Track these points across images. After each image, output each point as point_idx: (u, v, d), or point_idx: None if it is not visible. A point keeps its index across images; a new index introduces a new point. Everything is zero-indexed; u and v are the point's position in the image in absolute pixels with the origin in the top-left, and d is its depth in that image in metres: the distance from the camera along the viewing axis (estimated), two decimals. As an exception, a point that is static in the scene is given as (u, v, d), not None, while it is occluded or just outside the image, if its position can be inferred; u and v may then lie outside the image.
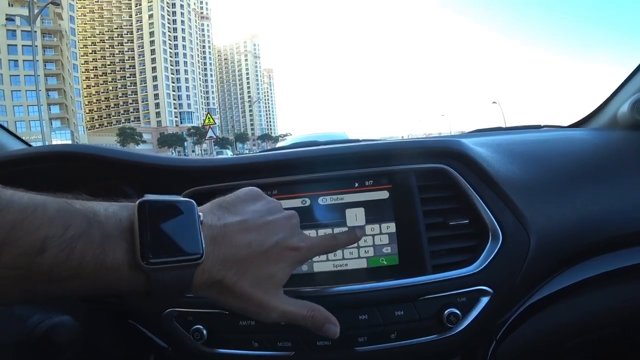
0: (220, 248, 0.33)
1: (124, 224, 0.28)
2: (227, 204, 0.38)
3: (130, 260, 0.28)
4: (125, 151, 0.56)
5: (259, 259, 0.35)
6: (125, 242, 0.28)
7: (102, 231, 0.27)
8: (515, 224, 0.53)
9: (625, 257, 0.57)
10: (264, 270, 0.36)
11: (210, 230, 0.33)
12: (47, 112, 57.89)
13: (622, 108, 0.71)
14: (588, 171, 0.61)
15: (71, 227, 0.25)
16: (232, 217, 0.36)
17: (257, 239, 0.36)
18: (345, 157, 0.55)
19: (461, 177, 0.54)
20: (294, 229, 0.40)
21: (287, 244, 0.38)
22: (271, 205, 0.40)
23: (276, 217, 0.39)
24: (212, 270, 0.32)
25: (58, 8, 61.84)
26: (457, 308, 0.50)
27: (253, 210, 0.38)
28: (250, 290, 0.34)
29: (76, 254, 0.25)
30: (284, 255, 0.37)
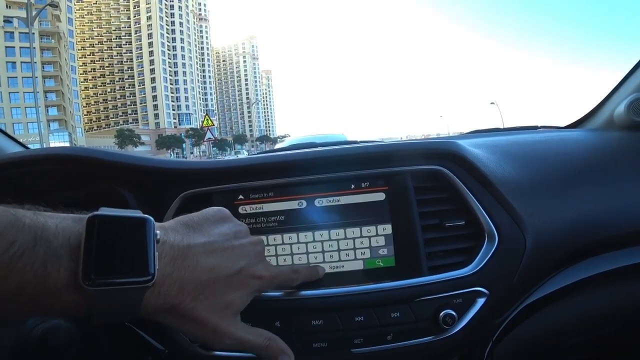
0: (180, 270, 0.31)
1: (72, 240, 0.26)
2: (193, 222, 0.36)
3: (74, 280, 0.26)
4: (123, 154, 0.56)
5: (220, 284, 0.34)
6: (71, 262, 0.26)
7: (48, 249, 0.25)
8: (511, 225, 0.53)
9: (622, 257, 0.58)
10: (225, 297, 0.34)
11: (171, 249, 0.31)
12: (45, 114, 57.73)
13: (618, 109, 0.71)
14: (584, 172, 0.61)
15: (15, 244, 0.24)
16: (197, 238, 0.34)
17: (222, 263, 0.35)
18: (341, 159, 0.55)
19: (457, 179, 0.54)
20: (258, 257, 0.39)
21: (250, 272, 0.37)
22: (238, 229, 0.39)
23: (242, 242, 0.38)
24: (168, 293, 0.30)
25: (56, 10, 61.78)
26: (453, 309, 0.50)
27: (219, 233, 0.36)
28: (208, 316, 0.33)
29: (16, 274, 0.23)
30: (246, 283, 0.36)
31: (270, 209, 0.54)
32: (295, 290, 0.50)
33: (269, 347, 0.37)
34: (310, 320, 0.50)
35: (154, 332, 0.55)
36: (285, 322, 0.50)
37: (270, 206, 0.54)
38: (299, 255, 0.53)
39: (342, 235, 0.53)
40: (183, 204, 0.54)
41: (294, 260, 0.53)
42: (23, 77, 56.65)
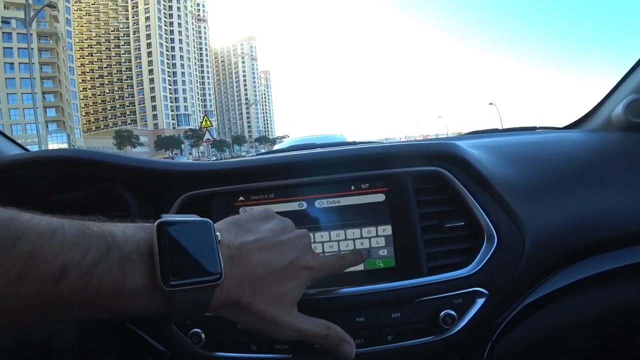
0: (237, 267, 0.33)
1: (142, 246, 0.28)
2: (242, 222, 0.38)
3: (151, 283, 0.28)
4: (123, 155, 0.56)
5: (274, 277, 0.36)
6: (145, 265, 0.28)
7: (121, 255, 0.27)
8: (510, 226, 0.53)
9: (620, 257, 0.58)
10: (279, 288, 0.36)
11: (228, 249, 0.33)
12: (43, 115, 57.60)
13: (616, 109, 0.72)
14: (582, 172, 0.61)
15: (90, 252, 0.25)
16: (248, 236, 0.36)
17: (273, 257, 0.36)
18: (341, 160, 0.56)
19: (456, 180, 0.55)
20: (306, 248, 0.40)
21: (301, 263, 0.38)
22: (284, 224, 0.40)
23: (290, 235, 0.39)
24: (229, 289, 0.32)
25: (54, 11, 61.66)
26: (453, 309, 0.50)
27: (267, 229, 0.38)
28: (265, 308, 0.35)
29: (95, 280, 0.25)
30: (298, 274, 0.38)
31: None
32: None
33: (329, 336, 0.39)
34: None
35: (155, 333, 0.56)
36: None
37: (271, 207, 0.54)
38: None
39: (342, 236, 0.53)
40: (184, 206, 0.55)
41: None
42: (21, 78, 56.52)
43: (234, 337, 0.51)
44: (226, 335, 0.51)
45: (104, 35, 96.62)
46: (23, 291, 0.22)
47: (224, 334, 0.51)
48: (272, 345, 0.50)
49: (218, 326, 0.51)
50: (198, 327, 0.51)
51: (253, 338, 0.51)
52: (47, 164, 0.55)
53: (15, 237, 0.22)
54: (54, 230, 0.24)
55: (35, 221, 0.24)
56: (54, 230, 0.24)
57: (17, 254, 0.22)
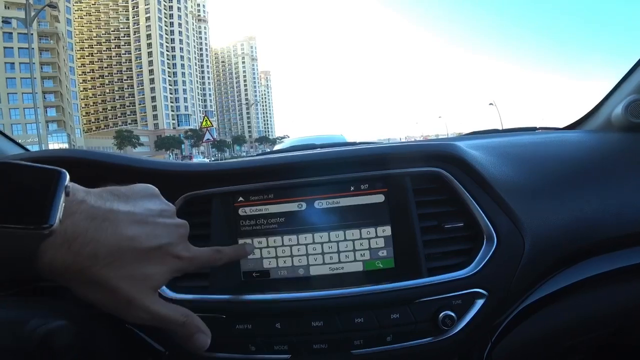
0: (97, 231, 0.30)
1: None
2: (119, 193, 0.35)
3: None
4: (123, 156, 0.56)
5: (139, 256, 0.33)
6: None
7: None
8: (509, 227, 0.53)
9: (620, 258, 0.58)
10: (142, 269, 0.33)
11: (91, 210, 0.30)
12: (44, 114, 57.62)
13: (616, 110, 0.72)
14: (582, 173, 0.61)
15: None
16: (121, 206, 0.33)
17: (143, 235, 0.34)
18: (340, 161, 0.56)
19: (456, 181, 0.54)
20: (181, 238, 0.39)
21: (171, 251, 0.36)
22: (165, 208, 0.38)
23: (167, 221, 0.37)
24: (80, 253, 0.29)
25: (55, 11, 61.69)
26: (452, 311, 0.50)
27: (146, 207, 0.36)
28: (120, 285, 0.32)
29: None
30: (166, 260, 0.36)
31: (270, 210, 0.54)
32: (297, 291, 0.50)
33: (185, 324, 0.37)
34: (310, 322, 0.50)
35: (154, 334, 0.56)
36: (285, 323, 0.50)
37: (270, 208, 0.54)
38: (299, 257, 0.53)
39: (341, 236, 0.53)
40: (183, 206, 0.55)
41: (294, 261, 0.53)
42: (22, 77, 56.53)
43: (233, 337, 0.51)
44: (225, 336, 0.51)
45: (104, 35, 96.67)
46: None
47: (223, 335, 0.51)
48: (271, 345, 0.50)
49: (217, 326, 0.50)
50: None
51: (252, 339, 0.50)
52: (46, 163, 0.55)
53: None
54: None
55: None
56: None
57: None
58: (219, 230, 0.54)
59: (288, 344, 0.50)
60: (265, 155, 0.83)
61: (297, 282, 0.52)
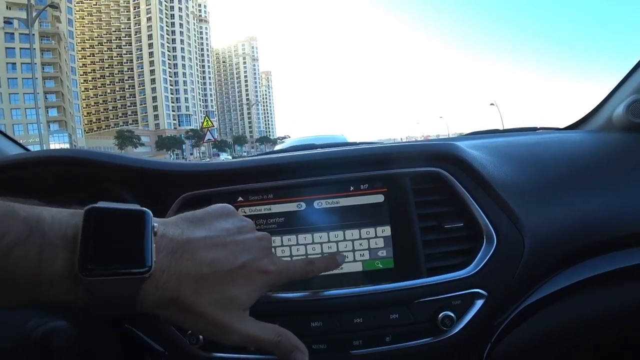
0: (179, 263, 0.31)
1: (69, 231, 0.27)
2: (195, 218, 0.35)
3: (70, 270, 0.26)
4: (123, 156, 0.56)
5: (222, 279, 0.33)
6: (67, 252, 0.26)
7: (43, 239, 0.25)
8: (509, 227, 0.53)
9: (620, 258, 0.58)
10: (228, 291, 0.34)
11: (170, 243, 0.31)
12: (45, 115, 57.73)
13: (617, 110, 0.71)
14: (583, 173, 0.61)
15: (9, 234, 0.24)
16: (197, 232, 0.34)
17: (223, 257, 0.34)
18: (340, 161, 0.56)
19: (456, 181, 0.54)
20: (265, 251, 0.38)
21: (256, 266, 0.36)
22: (242, 224, 0.38)
23: (246, 237, 0.37)
24: (167, 286, 0.30)
25: (56, 11, 61.82)
26: (451, 311, 0.50)
27: (222, 228, 0.36)
28: (209, 311, 0.32)
29: (10, 264, 0.24)
30: (252, 278, 0.35)
31: (269, 211, 0.54)
32: (295, 291, 0.50)
33: (280, 344, 0.36)
34: (309, 322, 0.50)
35: (154, 334, 0.55)
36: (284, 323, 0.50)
37: (270, 208, 0.54)
38: (299, 257, 0.53)
39: (341, 237, 0.53)
40: (183, 206, 0.55)
41: None
42: (23, 78, 56.69)
43: None
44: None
45: (105, 35, 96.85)
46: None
47: None
48: None
49: None
50: None
51: None
52: (47, 164, 0.55)
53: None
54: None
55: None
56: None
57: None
58: None
59: None
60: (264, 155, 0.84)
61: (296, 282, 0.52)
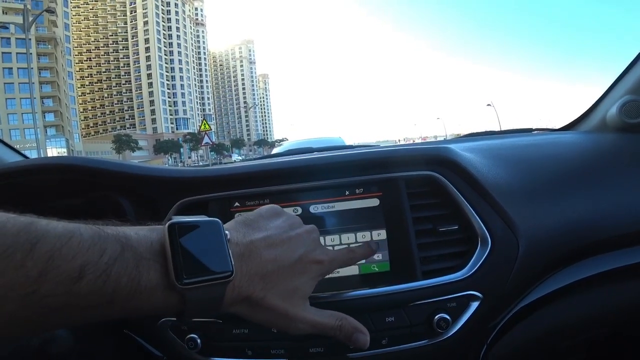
0: (247, 264, 0.34)
1: (155, 246, 0.29)
2: (250, 221, 0.39)
3: (165, 281, 0.29)
4: (120, 163, 0.56)
5: (284, 273, 0.36)
6: (159, 264, 0.29)
7: (136, 254, 0.28)
8: (504, 229, 0.53)
9: (615, 258, 0.58)
10: (290, 283, 0.37)
11: (237, 247, 0.34)
12: (42, 119, 57.61)
13: (610, 110, 0.72)
14: (577, 174, 0.61)
15: (106, 252, 0.26)
16: (256, 234, 0.37)
17: (282, 253, 0.37)
18: (335, 165, 0.56)
19: (450, 184, 0.55)
20: (315, 243, 0.41)
21: (311, 258, 0.39)
22: (292, 221, 0.41)
23: (298, 231, 0.40)
24: (241, 286, 0.33)
25: (52, 16, 61.71)
26: (447, 313, 0.50)
27: (275, 226, 0.39)
28: (278, 303, 0.35)
29: (112, 279, 0.26)
30: (308, 269, 0.38)
31: None
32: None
33: (342, 327, 0.39)
34: None
35: (152, 339, 0.56)
36: None
37: None
38: None
39: (337, 241, 0.53)
40: (180, 212, 0.55)
41: None
42: (20, 83, 56.50)
43: (230, 342, 0.51)
44: (222, 341, 0.51)
45: (102, 39, 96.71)
46: (45, 290, 0.23)
47: (220, 339, 0.51)
48: (268, 350, 0.50)
49: (214, 331, 0.51)
50: (194, 333, 0.51)
51: (249, 343, 0.51)
52: (44, 171, 0.55)
53: (35, 239, 0.24)
54: (72, 233, 0.25)
55: (53, 225, 0.25)
56: (71, 233, 0.25)
57: (37, 255, 0.23)
58: None
59: (284, 348, 0.50)
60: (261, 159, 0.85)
61: None
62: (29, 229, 0.24)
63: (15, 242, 0.23)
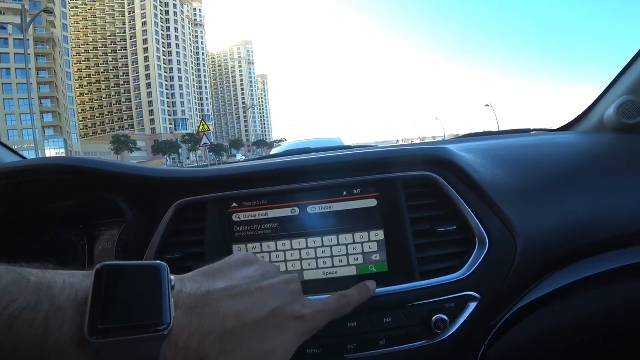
0: (200, 319, 0.28)
1: (80, 295, 0.25)
2: (213, 270, 0.33)
3: (80, 336, 0.23)
4: (118, 163, 0.56)
5: (251, 331, 0.30)
6: (78, 316, 0.24)
7: (52, 305, 0.23)
8: (501, 230, 0.53)
9: (613, 259, 0.58)
10: (260, 345, 0.30)
11: (189, 298, 0.29)
12: (40, 120, 57.45)
13: (608, 111, 0.72)
14: (575, 174, 0.61)
15: (16, 303, 0.22)
16: (217, 284, 0.31)
17: (249, 307, 0.31)
18: (332, 166, 0.56)
19: (447, 185, 0.55)
20: (294, 295, 0.35)
21: (287, 313, 0.33)
22: (266, 270, 0.36)
23: (271, 282, 0.34)
24: (189, 346, 0.27)
25: (51, 16, 61.67)
26: (445, 314, 0.50)
27: (244, 276, 0.34)
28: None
29: (13, 333, 0.22)
30: (284, 326, 0.32)
31: (263, 216, 0.54)
32: None
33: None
34: None
35: None
36: None
37: (264, 214, 0.54)
38: (293, 262, 0.53)
39: (335, 241, 0.53)
40: (177, 212, 0.55)
41: (288, 267, 0.53)
42: (18, 83, 56.40)
43: None
44: None
45: (100, 40, 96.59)
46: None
47: None
48: None
49: None
50: None
51: None
52: (42, 172, 0.55)
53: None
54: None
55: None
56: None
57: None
58: (213, 237, 0.54)
59: None
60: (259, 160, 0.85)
61: None
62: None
63: None
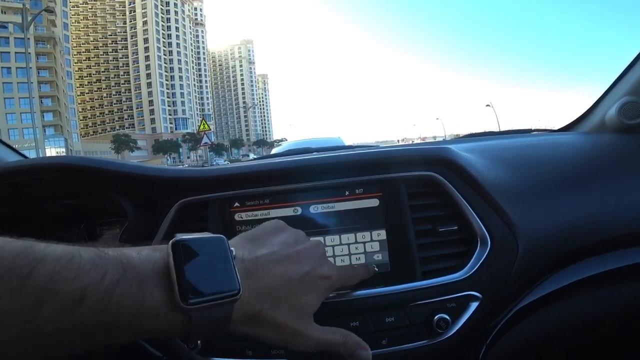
0: (254, 281, 0.33)
1: (158, 266, 0.28)
2: (255, 236, 0.38)
3: (170, 302, 0.27)
4: (120, 162, 0.56)
5: (292, 289, 0.35)
6: (163, 285, 0.28)
7: (138, 276, 0.27)
8: (503, 229, 0.53)
9: (614, 259, 0.58)
10: (298, 299, 0.36)
11: (242, 263, 0.33)
12: (41, 119, 57.48)
13: (609, 111, 0.72)
14: (576, 175, 0.61)
15: (108, 274, 0.25)
16: (262, 250, 0.36)
17: (289, 269, 0.36)
18: (335, 166, 0.56)
19: (449, 184, 0.55)
20: (322, 258, 0.40)
21: (318, 273, 0.38)
22: (297, 235, 0.41)
23: (304, 246, 0.39)
24: (248, 304, 0.32)
25: (52, 15, 61.60)
26: (446, 313, 0.50)
27: (280, 242, 0.38)
28: (286, 320, 0.34)
29: (114, 301, 0.25)
30: (316, 284, 0.38)
31: (265, 216, 0.54)
32: None
33: (346, 344, 0.39)
34: None
35: (152, 339, 0.55)
36: None
37: (266, 213, 0.55)
38: None
39: (337, 241, 0.53)
40: (179, 212, 0.55)
41: None
42: (18, 82, 56.36)
43: (230, 342, 0.51)
44: (222, 341, 0.51)
45: (101, 39, 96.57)
46: (45, 316, 0.22)
47: (220, 340, 0.51)
48: (268, 350, 0.50)
49: None
50: None
51: (249, 343, 0.51)
52: (43, 171, 0.55)
53: (34, 262, 0.23)
54: (71, 254, 0.24)
55: (52, 248, 0.24)
56: (70, 254, 0.24)
57: (36, 279, 0.22)
58: None
59: (284, 348, 0.50)
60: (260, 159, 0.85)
61: None
62: (27, 252, 0.23)
63: (13, 266, 0.22)
